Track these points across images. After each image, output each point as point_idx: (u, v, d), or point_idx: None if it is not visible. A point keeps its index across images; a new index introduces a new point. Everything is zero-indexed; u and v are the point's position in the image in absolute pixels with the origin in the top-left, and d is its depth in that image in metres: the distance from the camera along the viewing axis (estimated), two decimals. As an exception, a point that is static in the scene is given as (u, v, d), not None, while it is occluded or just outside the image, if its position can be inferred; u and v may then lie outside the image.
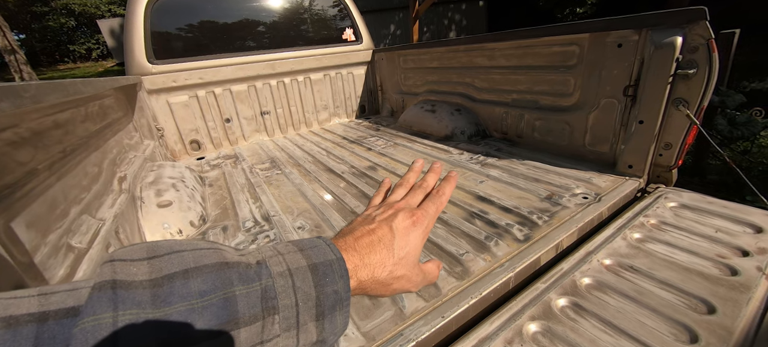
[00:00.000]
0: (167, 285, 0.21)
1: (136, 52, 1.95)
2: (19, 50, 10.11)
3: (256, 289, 0.24)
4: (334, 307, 0.27)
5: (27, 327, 0.17)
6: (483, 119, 1.90)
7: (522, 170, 1.39)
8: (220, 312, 0.22)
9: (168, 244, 0.24)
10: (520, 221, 1.03)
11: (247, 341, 0.23)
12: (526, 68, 1.58)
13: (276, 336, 0.24)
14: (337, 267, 0.29)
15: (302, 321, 0.25)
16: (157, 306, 0.20)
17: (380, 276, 0.33)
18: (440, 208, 0.42)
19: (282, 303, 0.25)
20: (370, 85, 2.83)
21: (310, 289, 0.26)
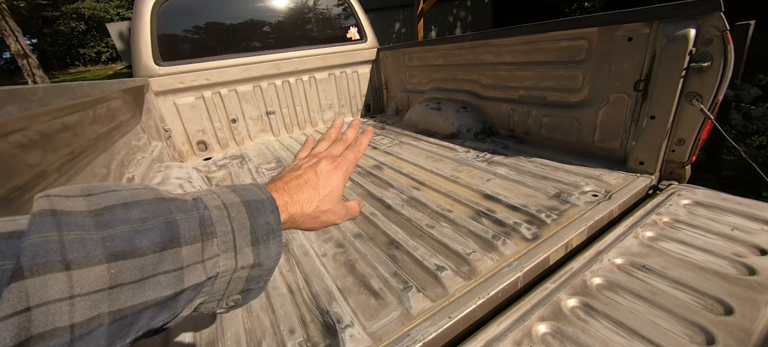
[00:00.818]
0: (108, 214, 0.23)
1: (143, 54, 1.97)
2: (31, 54, 10.31)
3: (194, 216, 0.27)
4: (268, 236, 0.31)
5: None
6: (489, 116, 1.88)
7: (529, 167, 1.37)
8: (163, 233, 0.25)
9: (103, 185, 0.26)
10: (529, 220, 1.01)
11: (188, 257, 0.26)
12: (533, 64, 1.55)
13: (216, 256, 0.28)
14: (268, 204, 0.33)
15: (239, 245, 0.29)
16: (101, 229, 0.22)
17: (308, 210, 0.39)
18: (358, 156, 0.51)
19: (219, 229, 0.28)
20: (374, 84, 2.82)
21: (245, 220, 0.30)
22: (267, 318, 0.79)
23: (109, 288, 0.21)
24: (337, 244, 1.04)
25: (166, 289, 0.24)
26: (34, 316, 0.18)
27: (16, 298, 0.17)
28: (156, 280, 0.24)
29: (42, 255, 0.19)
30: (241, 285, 0.31)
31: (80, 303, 0.20)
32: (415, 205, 1.21)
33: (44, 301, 0.18)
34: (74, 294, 0.19)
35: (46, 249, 0.19)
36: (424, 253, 0.93)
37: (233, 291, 0.31)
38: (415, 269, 0.88)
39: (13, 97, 0.58)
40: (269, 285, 0.89)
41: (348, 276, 0.89)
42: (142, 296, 0.23)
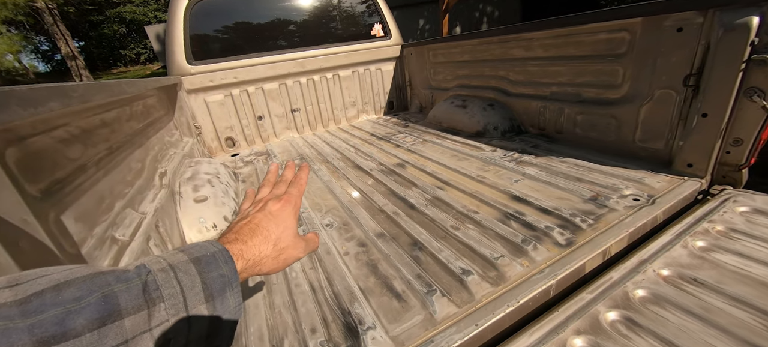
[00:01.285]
0: (36, 300, 0.22)
1: (177, 54, 2.06)
2: (79, 56, 11.13)
3: (136, 284, 0.26)
4: (224, 289, 0.30)
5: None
6: (518, 114, 1.80)
7: (562, 168, 1.29)
8: (100, 308, 0.23)
9: (34, 271, 0.24)
10: (561, 224, 0.95)
11: (133, 329, 0.24)
12: (567, 59, 1.47)
13: (165, 321, 0.26)
14: (220, 256, 0.32)
15: (191, 304, 0.28)
16: (27, 317, 0.21)
17: (266, 251, 0.38)
18: (301, 190, 0.50)
19: (166, 293, 0.27)
20: (398, 81, 2.79)
21: (195, 277, 0.29)
22: (289, 315, 0.79)
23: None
24: (359, 243, 1.02)
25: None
26: None
27: None
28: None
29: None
30: (203, 343, 0.30)
31: None
32: (439, 205, 1.17)
33: None
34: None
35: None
36: (449, 255, 0.89)
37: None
38: (440, 271, 0.85)
39: (55, 93, 0.61)
40: (292, 282, 0.89)
41: (370, 276, 0.87)
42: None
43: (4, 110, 0.46)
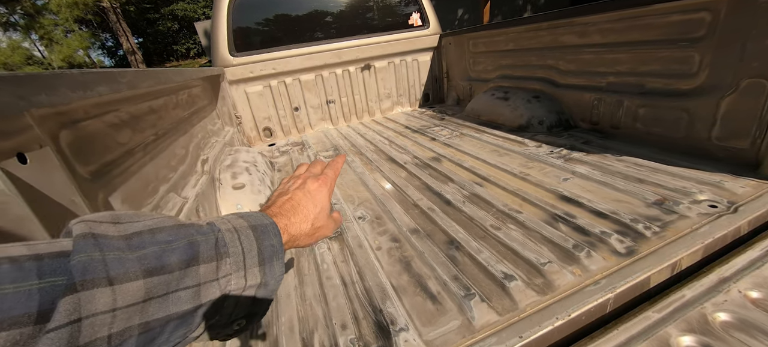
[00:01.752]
0: (137, 238, 0.25)
1: (220, 46, 2.13)
2: (137, 51, 12.14)
3: (210, 238, 0.30)
4: (272, 257, 0.34)
5: (27, 263, 0.19)
6: (567, 106, 1.66)
7: (619, 167, 1.16)
8: (187, 252, 0.27)
9: (127, 214, 0.28)
10: (620, 230, 0.84)
11: (205, 275, 0.28)
12: (629, 45, 1.31)
13: (228, 274, 0.30)
14: (272, 229, 0.35)
15: (248, 265, 0.32)
16: (133, 250, 0.24)
17: (305, 229, 0.41)
18: (337, 173, 0.52)
19: (231, 250, 0.31)
20: (435, 73, 2.70)
21: (252, 242, 0.32)
22: (320, 308, 0.77)
23: (143, 302, 0.23)
24: (393, 238, 0.99)
25: (186, 304, 0.26)
26: (84, 327, 0.20)
27: (70, 309, 0.19)
28: (178, 295, 0.25)
29: (90, 272, 0.21)
30: (247, 307, 0.32)
31: (120, 315, 0.22)
32: (477, 202, 1.10)
33: (93, 313, 0.20)
34: (117, 307, 0.21)
35: (93, 267, 0.21)
36: (489, 257, 0.83)
37: (238, 314, 0.32)
38: (479, 274, 0.79)
39: (104, 78, 0.63)
40: (323, 273, 0.87)
41: (403, 273, 0.83)
42: (167, 309, 0.24)
43: (55, 92, 0.47)
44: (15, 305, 0.17)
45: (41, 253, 0.20)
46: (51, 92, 0.46)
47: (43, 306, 0.18)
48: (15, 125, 0.42)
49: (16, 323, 0.17)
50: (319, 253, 0.97)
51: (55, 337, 0.18)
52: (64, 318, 0.19)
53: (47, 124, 0.51)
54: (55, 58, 11.36)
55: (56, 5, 10.11)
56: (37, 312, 0.18)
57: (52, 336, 0.18)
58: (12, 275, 0.18)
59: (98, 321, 0.20)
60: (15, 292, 0.17)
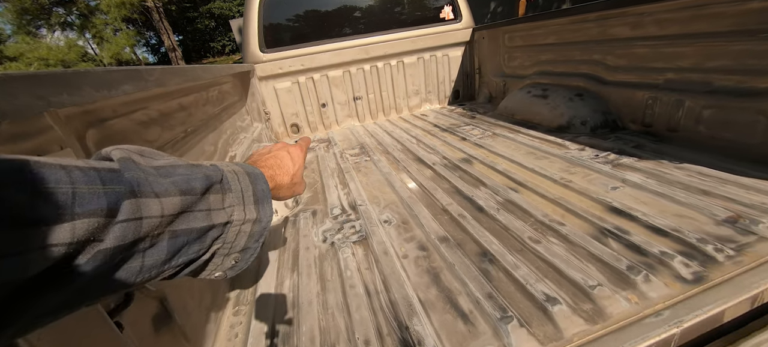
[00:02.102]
0: (163, 169, 0.30)
1: (251, 42, 2.16)
2: (177, 48, 12.80)
3: (218, 175, 0.34)
4: (264, 199, 0.39)
5: (91, 172, 0.22)
6: (615, 106, 1.51)
7: (679, 176, 1.02)
8: (203, 182, 0.32)
9: (148, 150, 0.32)
10: (685, 251, 0.73)
11: (214, 203, 0.33)
12: (694, 37, 1.15)
13: (232, 206, 0.35)
14: (260, 177, 0.40)
15: (246, 201, 0.36)
16: (164, 177, 0.29)
17: (286, 181, 0.48)
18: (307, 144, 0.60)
19: (233, 187, 0.36)
20: (466, 68, 2.59)
21: (248, 185, 0.38)
22: (342, 319, 0.73)
23: (178, 214, 0.28)
24: (420, 246, 0.93)
25: (201, 222, 0.31)
26: (144, 224, 0.25)
27: (133, 209, 0.24)
28: (194, 214, 0.30)
29: (142, 186, 0.25)
30: (244, 240, 0.37)
31: (164, 221, 0.27)
32: (513, 210, 1.01)
33: (149, 216, 0.25)
34: (164, 214, 0.27)
35: (142, 182, 0.26)
36: (528, 275, 0.75)
37: (237, 246, 0.36)
38: (516, 293, 0.71)
39: (130, 76, 0.61)
40: (346, 281, 0.83)
41: (431, 286, 0.78)
42: (188, 223, 0.29)
43: (78, 91, 0.46)
44: (91, 201, 0.21)
45: (97, 167, 0.24)
46: (73, 91, 0.45)
47: (110, 205, 0.22)
48: (33, 126, 0.41)
49: (93, 214, 0.21)
50: (343, 258, 0.93)
51: (122, 227, 0.23)
52: (130, 215, 0.23)
53: (71, 124, 0.50)
54: (105, 54, 12.25)
55: (106, 5, 10.87)
56: (107, 208, 0.22)
57: (120, 226, 0.23)
58: (84, 179, 0.22)
59: (153, 222, 0.25)
60: (89, 192, 0.21)
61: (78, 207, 0.20)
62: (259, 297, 0.84)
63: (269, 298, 0.83)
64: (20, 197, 0.18)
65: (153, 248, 0.26)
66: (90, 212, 0.21)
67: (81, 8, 12.66)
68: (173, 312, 0.60)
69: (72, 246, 0.20)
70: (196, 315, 0.69)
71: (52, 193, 0.19)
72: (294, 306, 0.80)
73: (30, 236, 0.18)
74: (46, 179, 0.19)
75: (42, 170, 0.20)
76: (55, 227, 0.19)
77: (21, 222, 0.17)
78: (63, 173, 0.21)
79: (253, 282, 0.90)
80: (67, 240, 0.20)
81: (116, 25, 12.07)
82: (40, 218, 0.18)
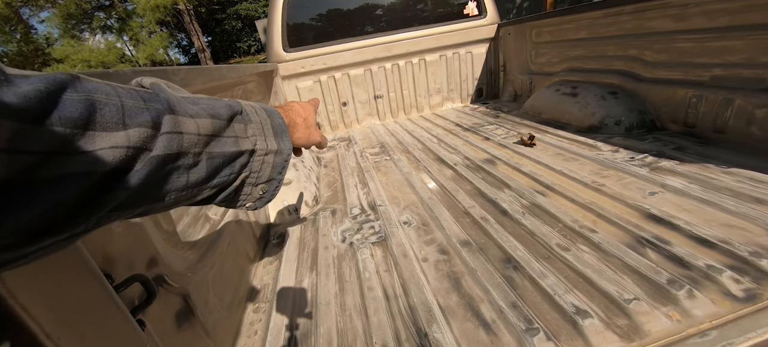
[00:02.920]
0: (188, 98, 0.31)
1: (275, 42, 2.19)
2: (206, 49, 13.30)
3: (238, 107, 0.36)
4: (282, 132, 0.41)
5: (132, 91, 0.25)
6: (653, 104, 1.41)
7: (727, 181, 0.94)
8: (228, 109, 0.34)
9: (172, 85, 0.33)
10: (735, 266, 0.67)
11: (240, 131, 0.35)
12: (746, 29, 1.05)
13: (254, 135, 0.37)
14: (275, 112, 0.42)
15: (266, 133, 0.38)
16: (194, 104, 0.30)
17: (299, 122, 0.49)
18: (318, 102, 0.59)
19: (253, 119, 0.37)
20: (490, 66, 2.51)
21: (266, 118, 0.39)
22: (360, 322, 0.72)
23: (211, 136, 0.30)
24: (440, 249, 0.90)
25: (231, 147, 0.33)
26: (184, 138, 0.27)
27: (173, 124, 0.26)
28: (225, 139, 0.32)
29: (177, 106, 0.27)
30: (268, 170, 0.38)
31: (201, 140, 0.29)
32: (539, 215, 0.97)
33: (187, 132, 0.28)
34: (200, 133, 0.29)
35: (176, 103, 0.28)
36: (556, 284, 0.71)
37: (262, 177, 0.38)
38: (542, 304, 0.67)
39: (156, 76, 0.63)
40: (365, 283, 0.82)
41: (452, 292, 0.75)
42: (220, 147, 0.32)
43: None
44: (138, 114, 0.24)
45: (135, 88, 0.26)
46: (102, 91, 0.46)
47: (154, 119, 0.25)
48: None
49: (141, 125, 0.24)
50: (362, 259, 0.92)
51: (167, 139, 0.25)
52: (172, 128, 0.26)
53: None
54: (140, 56, 12.95)
55: (142, 9, 11.47)
56: (152, 120, 0.25)
57: (165, 137, 0.25)
58: (128, 96, 0.24)
59: (191, 139, 0.28)
60: (134, 106, 0.24)
61: (128, 119, 0.23)
62: (278, 295, 0.84)
63: (288, 297, 0.84)
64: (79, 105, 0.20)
65: (195, 167, 0.29)
66: (138, 123, 0.23)
67: (119, 12, 13.44)
68: (195, 308, 0.61)
69: (130, 150, 0.23)
70: (217, 312, 0.70)
71: (105, 104, 0.22)
72: (312, 305, 0.79)
73: (95, 138, 0.21)
74: (99, 90, 0.22)
75: (95, 84, 0.22)
76: (112, 134, 0.22)
77: (84, 125, 0.20)
78: (111, 89, 0.23)
79: (273, 280, 0.91)
80: (124, 144, 0.22)
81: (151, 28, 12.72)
82: (100, 123, 0.21)
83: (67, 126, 0.19)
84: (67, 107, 0.20)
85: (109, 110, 0.22)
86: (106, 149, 0.21)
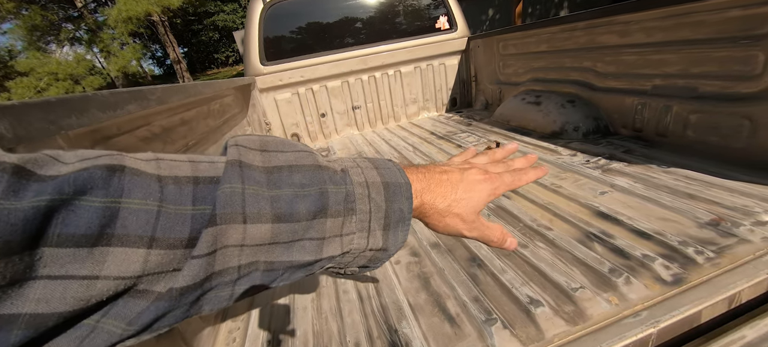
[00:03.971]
0: (276, 174, 0.25)
1: (252, 55, 2.22)
2: (182, 60, 13.03)
3: (341, 190, 0.28)
4: (398, 223, 0.31)
5: (187, 186, 0.21)
6: (606, 111, 1.53)
7: (666, 180, 1.05)
8: (316, 201, 0.26)
9: (274, 141, 0.28)
10: (666, 254, 0.76)
11: (331, 230, 0.27)
12: (679, 44, 1.18)
13: (352, 233, 0.28)
14: (405, 190, 0.32)
15: (373, 227, 0.29)
16: (271, 187, 0.25)
17: (440, 205, 0.35)
18: (517, 184, 0.41)
19: (359, 207, 0.29)
20: (462, 76, 2.63)
21: (382, 202, 0.30)
22: (335, 323, 0.76)
23: (269, 244, 0.24)
24: (412, 252, 0.96)
25: (308, 254, 0.26)
26: (218, 257, 0.21)
27: (211, 240, 0.20)
28: (301, 244, 0.26)
29: (229, 206, 0.22)
30: (364, 262, 0.31)
31: (247, 251, 0.23)
32: (503, 216, 1.04)
33: (225, 245, 0.22)
34: (245, 244, 0.23)
35: (233, 201, 0.22)
36: (514, 278, 0.77)
37: (352, 265, 0.31)
38: (501, 297, 0.74)
39: (134, 97, 0.66)
40: (340, 288, 0.86)
41: (421, 291, 0.80)
42: (290, 255, 0.25)
43: (85, 113, 0.50)
44: (174, 226, 0.19)
45: (199, 176, 0.22)
46: (81, 114, 0.49)
47: (192, 232, 0.20)
48: (46, 147, 0.45)
49: (173, 245, 0.19)
50: (338, 265, 0.96)
51: (197, 264, 0.20)
52: (206, 248, 0.20)
53: (79, 144, 0.54)
54: (112, 68, 12.51)
55: (114, 20, 11.14)
56: (188, 237, 0.19)
57: (196, 262, 0.20)
58: (175, 197, 0.19)
59: (229, 253, 0.22)
60: (176, 214, 0.19)
61: (160, 231, 0.18)
62: (256, 304, 0.87)
63: (266, 305, 0.87)
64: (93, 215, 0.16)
65: (245, 278, 0.24)
66: (171, 241, 0.19)
67: (89, 24, 12.99)
68: (173, 317, 0.64)
69: (142, 278, 0.17)
70: (195, 322, 0.73)
71: (134, 211, 0.17)
72: (290, 311, 0.83)
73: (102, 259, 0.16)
74: (137, 188, 0.18)
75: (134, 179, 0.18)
76: (129, 252, 0.17)
77: (92, 242, 0.16)
78: (156, 186, 0.19)
79: (252, 289, 0.93)
80: (137, 273, 0.17)
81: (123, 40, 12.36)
82: (117, 237, 0.16)
83: (64, 244, 0.15)
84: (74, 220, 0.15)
85: (136, 219, 0.17)
86: (109, 279, 0.16)
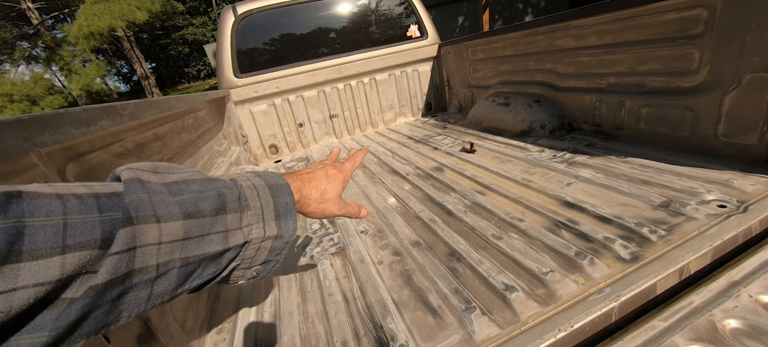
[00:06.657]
0: (175, 186, 0.29)
1: (225, 69, 2.20)
2: (151, 76, 12.56)
3: (235, 192, 0.34)
4: (287, 213, 0.38)
5: (89, 199, 0.23)
6: (569, 109, 1.64)
7: (624, 169, 1.14)
8: (216, 201, 0.31)
9: (165, 166, 0.32)
10: (625, 235, 0.83)
11: (232, 223, 0.32)
12: (626, 45, 1.30)
13: (250, 224, 0.34)
14: (286, 188, 0.40)
15: (266, 218, 0.36)
16: (174, 195, 0.28)
17: (315, 196, 0.48)
18: (355, 165, 0.62)
19: (252, 204, 0.35)
20: (436, 82, 2.72)
21: (269, 199, 0.37)
22: (322, 326, 0.77)
23: (182, 240, 0.27)
24: (394, 252, 0.99)
25: (217, 246, 0.30)
26: (137, 254, 0.24)
27: (127, 239, 0.23)
28: (210, 238, 0.30)
29: (141, 210, 0.25)
30: (264, 255, 0.36)
31: (164, 248, 0.26)
32: (479, 212, 1.09)
33: (144, 244, 0.24)
34: (162, 241, 0.26)
35: (143, 206, 0.25)
36: (490, 268, 0.82)
37: (257, 261, 0.36)
38: (480, 286, 0.78)
39: (106, 113, 0.66)
40: (325, 290, 0.88)
41: (404, 287, 0.83)
42: (202, 248, 0.29)
43: (58, 130, 0.50)
44: (84, 232, 0.21)
45: (98, 192, 0.24)
46: (54, 130, 0.49)
47: (105, 234, 0.22)
48: (20, 164, 0.45)
49: (85, 246, 0.21)
50: (322, 269, 0.97)
51: (115, 260, 0.22)
52: (123, 246, 0.23)
53: (53, 160, 0.54)
54: (74, 87, 11.87)
55: (74, 37, 10.61)
56: (101, 238, 0.22)
57: (113, 258, 0.22)
58: (79, 208, 0.21)
59: (148, 250, 0.25)
60: (83, 222, 0.21)
61: (70, 238, 0.20)
62: (241, 315, 0.87)
63: (251, 315, 0.86)
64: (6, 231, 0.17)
65: (162, 277, 0.26)
66: (82, 243, 0.20)
67: (47, 41, 12.30)
68: (157, 332, 0.63)
69: (61, 282, 0.19)
70: (178, 337, 0.72)
71: (40, 227, 0.19)
72: (276, 318, 0.83)
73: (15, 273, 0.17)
74: (39, 209, 0.19)
75: (37, 202, 0.19)
76: (43, 262, 0.18)
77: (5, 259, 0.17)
78: (57, 203, 0.20)
79: (235, 302, 0.93)
80: (56, 277, 0.19)
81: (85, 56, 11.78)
82: (27, 252, 0.18)
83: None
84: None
85: (43, 233, 0.19)
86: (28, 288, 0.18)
